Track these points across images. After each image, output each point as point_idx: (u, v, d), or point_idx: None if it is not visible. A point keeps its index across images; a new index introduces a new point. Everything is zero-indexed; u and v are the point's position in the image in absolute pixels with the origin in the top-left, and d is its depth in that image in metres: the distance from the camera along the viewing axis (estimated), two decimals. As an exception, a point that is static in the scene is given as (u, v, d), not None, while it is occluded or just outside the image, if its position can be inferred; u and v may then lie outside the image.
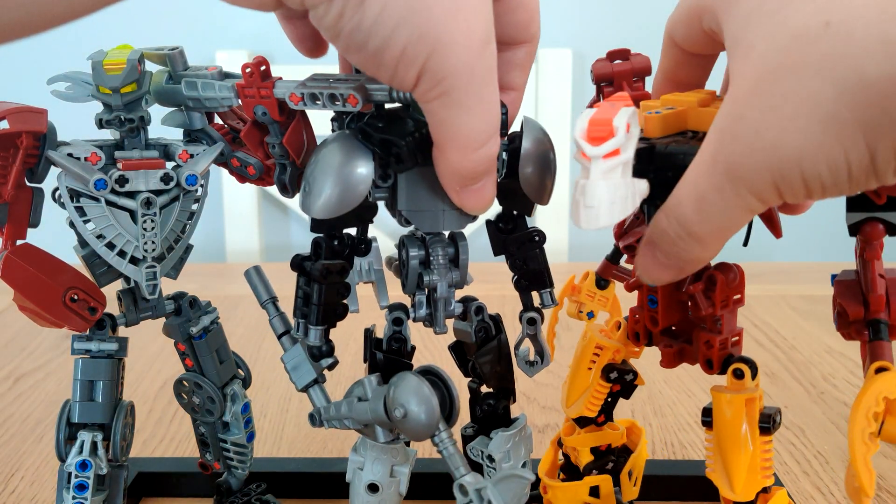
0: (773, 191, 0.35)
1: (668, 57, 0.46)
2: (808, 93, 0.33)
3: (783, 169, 0.34)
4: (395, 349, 0.48)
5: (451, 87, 0.37)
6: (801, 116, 0.33)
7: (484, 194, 0.42)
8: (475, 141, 0.39)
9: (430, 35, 0.35)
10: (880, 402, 0.39)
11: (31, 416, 0.79)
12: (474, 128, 0.38)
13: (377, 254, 0.48)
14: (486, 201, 0.42)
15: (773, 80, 0.34)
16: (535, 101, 1.59)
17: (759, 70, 0.35)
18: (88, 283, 0.48)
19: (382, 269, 0.48)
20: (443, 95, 0.37)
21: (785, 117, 0.33)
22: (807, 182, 0.34)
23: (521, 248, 0.48)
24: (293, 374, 0.48)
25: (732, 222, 0.37)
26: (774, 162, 0.34)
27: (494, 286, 0.61)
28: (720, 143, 0.36)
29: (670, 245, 0.38)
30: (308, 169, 0.44)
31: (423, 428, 0.43)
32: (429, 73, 0.36)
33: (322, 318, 0.46)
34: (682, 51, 0.45)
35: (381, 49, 0.36)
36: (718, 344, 0.45)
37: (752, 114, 0.34)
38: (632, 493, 0.54)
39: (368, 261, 0.48)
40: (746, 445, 0.44)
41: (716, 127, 0.36)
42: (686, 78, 0.47)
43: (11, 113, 0.45)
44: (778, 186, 0.35)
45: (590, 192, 0.37)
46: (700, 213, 0.37)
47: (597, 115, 0.38)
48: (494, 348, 0.49)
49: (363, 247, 0.47)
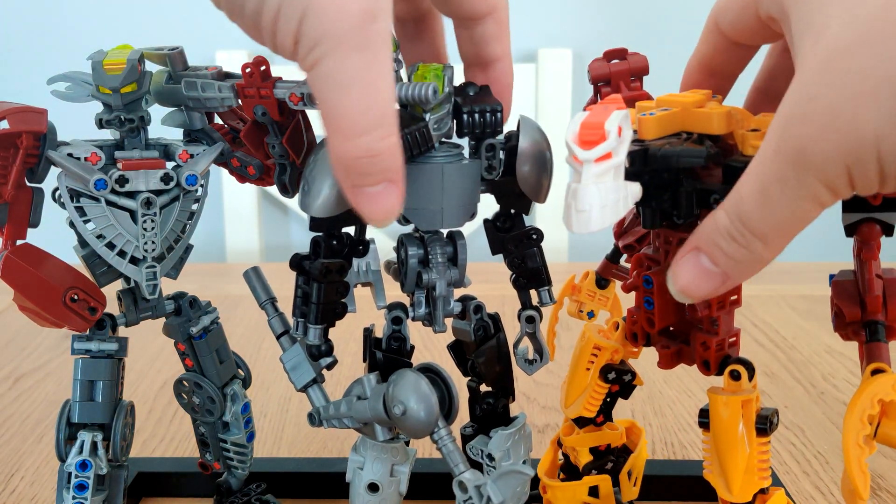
0: (845, 177, 0.33)
1: (708, 43, 0.45)
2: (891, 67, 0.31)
3: (859, 151, 0.32)
4: (394, 348, 0.48)
5: (322, 55, 0.36)
6: (882, 93, 0.31)
7: (381, 202, 0.38)
8: (352, 124, 0.36)
9: None
10: (875, 405, 0.39)
11: (31, 416, 0.79)
12: (349, 107, 0.36)
13: (375, 255, 0.48)
14: (383, 211, 0.38)
15: (851, 55, 0.32)
16: (535, 101, 1.59)
17: (834, 46, 0.32)
18: (88, 283, 0.48)
19: (380, 270, 0.48)
20: (315, 65, 0.36)
21: (863, 94, 0.31)
22: (883, 166, 0.32)
23: (519, 246, 0.48)
24: (292, 373, 0.48)
25: (798, 217, 0.34)
26: (850, 143, 0.32)
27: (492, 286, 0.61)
28: (786, 128, 0.33)
29: (728, 243, 0.36)
30: (307, 168, 0.44)
31: (423, 425, 0.43)
32: (303, 37, 0.36)
33: (321, 316, 0.46)
34: (725, 38, 0.44)
35: (257, 12, 0.36)
36: (715, 345, 0.45)
37: (825, 92, 0.32)
38: (631, 494, 0.54)
39: (366, 262, 0.48)
40: (743, 447, 0.44)
41: (781, 113, 0.34)
42: (722, 67, 0.45)
43: (11, 113, 0.45)
44: (851, 172, 0.32)
45: (581, 196, 0.37)
46: (763, 207, 0.34)
47: (588, 118, 0.38)
48: (493, 347, 0.49)
49: (361, 247, 0.47)
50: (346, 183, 0.38)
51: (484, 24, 0.44)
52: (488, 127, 0.44)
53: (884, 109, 0.31)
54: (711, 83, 0.46)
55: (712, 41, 0.45)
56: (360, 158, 0.37)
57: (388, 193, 0.38)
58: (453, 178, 0.44)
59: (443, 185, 0.43)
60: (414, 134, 0.42)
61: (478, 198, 0.46)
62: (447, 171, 0.43)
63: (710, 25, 0.44)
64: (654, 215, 0.44)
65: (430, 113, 0.43)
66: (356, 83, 0.36)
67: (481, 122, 0.44)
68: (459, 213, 0.45)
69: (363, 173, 0.37)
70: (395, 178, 0.38)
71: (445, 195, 0.43)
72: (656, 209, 0.43)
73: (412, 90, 0.42)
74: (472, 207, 0.46)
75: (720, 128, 0.41)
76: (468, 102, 0.44)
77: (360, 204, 0.38)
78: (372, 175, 0.38)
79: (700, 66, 0.46)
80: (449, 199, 0.44)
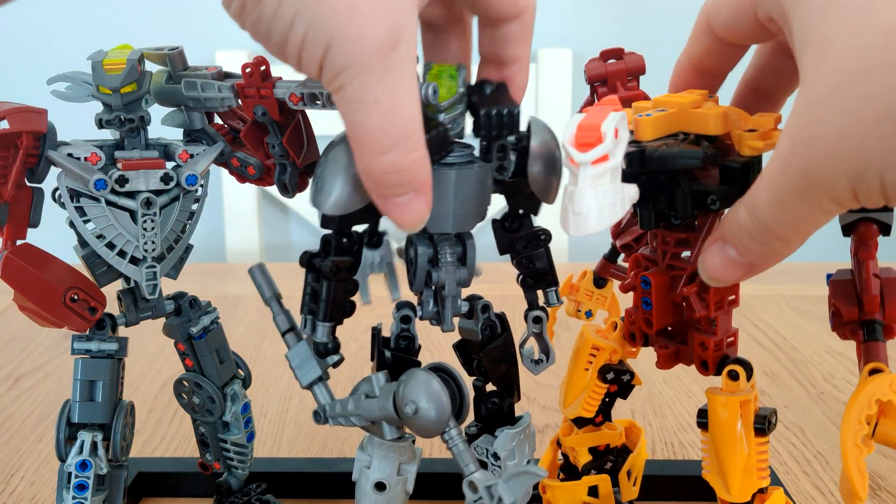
0: (850, 195, 0.34)
1: (699, 43, 0.45)
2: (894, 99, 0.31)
3: (863, 175, 0.33)
4: (403, 347, 0.48)
5: (345, 82, 0.37)
6: (887, 122, 0.31)
7: (409, 211, 0.40)
8: (376, 144, 0.38)
9: (325, 31, 0.36)
10: (873, 405, 0.39)
11: (31, 416, 0.79)
12: (372, 129, 0.38)
13: (388, 247, 0.48)
14: (412, 220, 0.41)
15: (857, 81, 0.32)
16: (535, 101, 1.59)
17: (841, 69, 0.33)
18: (88, 283, 0.48)
19: (394, 263, 0.48)
20: (340, 90, 0.37)
21: (869, 121, 0.32)
22: (886, 189, 0.33)
23: (528, 246, 0.48)
24: (298, 371, 0.48)
25: (810, 223, 0.36)
26: (854, 169, 0.33)
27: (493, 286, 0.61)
28: (794, 147, 0.34)
29: (749, 240, 0.38)
30: (319, 167, 0.44)
31: (434, 425, 0.43)
32: (327, 66, 0.37)
33: (330, 314, 0.46)
34: (717, 38, 0.44)
35: (282, 42, 0.37)
36: (713, 345, 0.45)
37: (831, 117, 0.33)
38: (631, 493, 0.54)
39: (380, 254, 0.48)
40: (742, 447, 0.44)
41: (789, 131, 0.35)
42: (713, 66, 0.46)
43: (11, 113, 0.45)
44: (856, 191, 0.34)
45: (578, 199, 0.38)
46: (777, 214, 0.36)
47: (585, 120, 0.38)
48: (500, 346, 0.49)
49: (374, 239, 0.47)
50: (374, 194, 0.40)
51: (510, 25, 0.44)
52: (505, 128, 0.44)
53: (888, 138, 0.32)
54: (701, 82, 0.46)
55: (704, 41, 0.45)
56: (384, 174, 0.39)
57: (416, 202, 0.40)
58: (465, 183, 0.43)
59: (454, 190, 0.43)
60: (433, 139, 0.42)
61: (489, 201, 0.45)
62: (459, 177, 0.43)
63: (702, 25, 0.44)
64: (652, 217, 0.44)
65: (445, 113, 0.43)
66: (379, 106, 0.37)
67: (498, 122, 0.44)
68: (470, 217, 0.45)
69: (390, 186, 0.40)
70: (421, 188, 0.40)
71: (457, 200, 0.43)
72: (653, 210, 0.43)
73: None
74: (484, 211, 0.45)
75: (717, 128, 0.41)
76: (485, 103, 0.44)
77: (389, 212, 0.41)
78: (399, 187, 0.40)
79: (690, 65, 0.46)
80: (460, 204, 0.43)
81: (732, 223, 0.38)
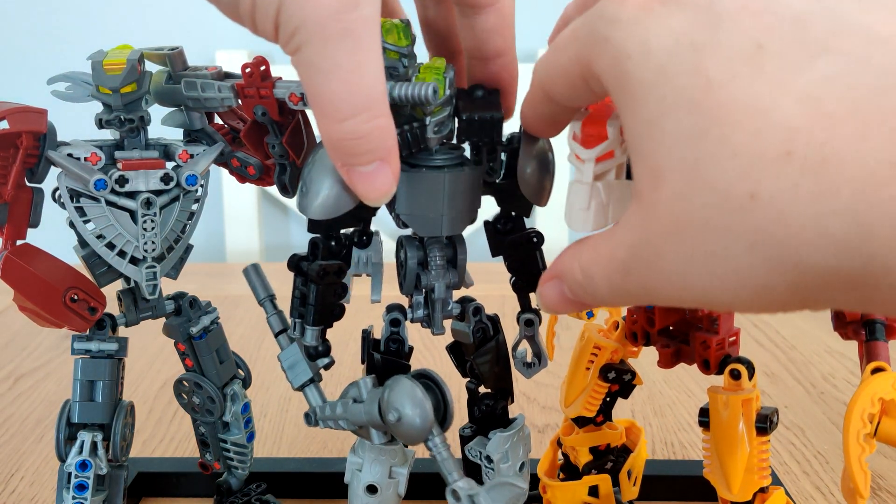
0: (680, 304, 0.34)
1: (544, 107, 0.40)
2: (739, 265, 0.30)
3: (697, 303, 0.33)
4: (392, 350, 0.48)
5: (301, 43, 0.36)
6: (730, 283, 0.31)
7: (373, 181, 0.39)
8: (335, 109, 0.37)
9: None
10: (875, 404, 0.39)
11: (31, 416, 0.79)
12: (332, 93, 0.36)
13: (377, 247, 0.48)
14: (377, 191, 0.39)
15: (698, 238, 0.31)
16: (536, 102, 1.59)
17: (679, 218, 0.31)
18: (88, 283, 0.48)
19: (381, 263, 0.48)
20: (297, 52, 0.36)
21: (709, 275, 0.31)
22: None
23: (519, 249, 0.48)
24: (289, 372, 0.48)
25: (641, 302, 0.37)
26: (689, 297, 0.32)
27: (493, 286, 0.61)
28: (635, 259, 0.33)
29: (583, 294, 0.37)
30: (305, 169, 0.43)
31: (417, 432, 0.43)
32: (282, 25, 0.36)
33: (318, 318, 0.46)
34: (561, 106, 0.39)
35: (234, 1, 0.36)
36: (715, 344, 0.45)
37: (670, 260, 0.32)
38: (631, 493, 0.54)
39: (367, 254, 0.47)
40: (743, 446, 0.44)
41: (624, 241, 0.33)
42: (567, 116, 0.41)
43: (11, 113, 0.45)
44: None
45: (583, 195, 0.37)
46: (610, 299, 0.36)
47: (590, 116, 0.38)
48: (492, 348, 0.49)
49: (364, 238, 0.47)
50: (337, 162, 0.39)
51: (486, 15, 0.43)
52: (486, 135, 0.43)
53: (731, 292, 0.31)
54: None
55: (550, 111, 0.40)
56: (345, 140, 0.38)
57: (381, 172, 0.39)
58: (455, 186, 0.43)
59: (444, 193, 0.43)
60: (405, 134, 0.41)
61: (479, 203, 0.45)
62: (449, 180, 0.43)
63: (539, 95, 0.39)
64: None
65: (431, 116, 0.42)
66: (338, 69, 0.36)
67: (479, 129, 0.43)
68: (460, 220, 0.44)
69: (351, 154, 0.38)
70: (386, 156, 0.38)
71: (447, 203, 0.43)
72: None
73: (412, 90, 0.41)
74: (473, 214, 0.45)
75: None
76: (468, 108, 0.43)
77: (353, 183, 0.39)
78: (361, 155, 0.38)
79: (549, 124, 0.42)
80: (450, 207, 0.43)
81: (568, 274, 0.37)
